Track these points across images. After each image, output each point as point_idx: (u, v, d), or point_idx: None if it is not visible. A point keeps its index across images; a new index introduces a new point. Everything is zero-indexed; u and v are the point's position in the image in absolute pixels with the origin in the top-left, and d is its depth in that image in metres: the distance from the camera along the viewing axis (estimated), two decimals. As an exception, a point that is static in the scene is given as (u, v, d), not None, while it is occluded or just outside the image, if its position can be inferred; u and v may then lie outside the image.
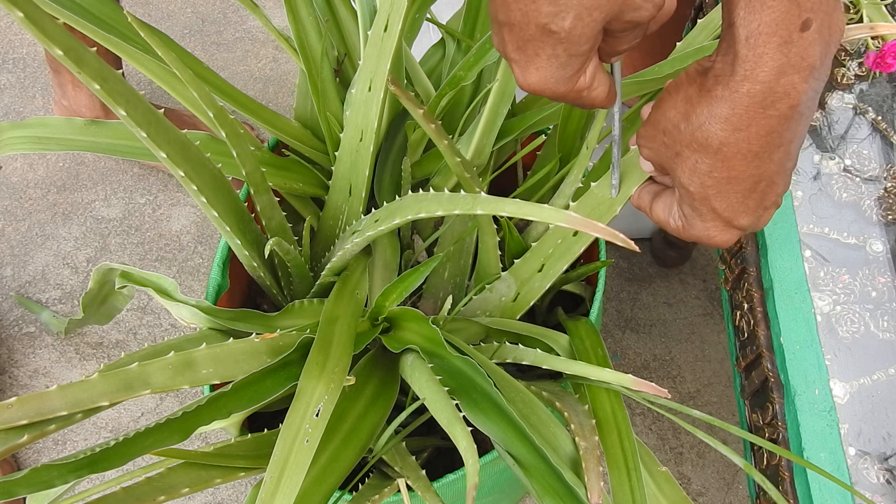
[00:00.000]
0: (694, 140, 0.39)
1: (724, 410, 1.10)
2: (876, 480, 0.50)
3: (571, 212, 0.44)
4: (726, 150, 0.39)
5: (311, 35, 0.69)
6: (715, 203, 0.41)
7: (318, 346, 0.53)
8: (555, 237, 0.61)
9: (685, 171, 0.41)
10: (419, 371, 0.56)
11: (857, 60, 0.67)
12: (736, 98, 0.37)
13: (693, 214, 0.43)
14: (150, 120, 0.51)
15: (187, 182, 0.54)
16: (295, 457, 0.46)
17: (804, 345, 0.55)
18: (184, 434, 0.50)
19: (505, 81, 0.66)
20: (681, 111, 0.40)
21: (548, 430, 0.54)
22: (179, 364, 0.51)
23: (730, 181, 0.40)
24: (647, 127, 0.43)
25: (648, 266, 1.22)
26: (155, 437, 0.49)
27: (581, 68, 0.40)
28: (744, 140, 0.38)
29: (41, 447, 1.10)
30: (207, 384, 0.53)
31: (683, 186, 0.42)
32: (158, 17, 1.51)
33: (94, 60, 0.47)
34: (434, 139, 0.54)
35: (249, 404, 0.52)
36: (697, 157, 0.40)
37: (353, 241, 0.59)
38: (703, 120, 0.38)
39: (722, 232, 0.43)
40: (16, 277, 1.22)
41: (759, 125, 0.37)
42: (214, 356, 0.53)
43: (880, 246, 0.59)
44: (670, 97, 0.41)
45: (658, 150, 0.43)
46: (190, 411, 0.50)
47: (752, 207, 0.41)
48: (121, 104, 0.49)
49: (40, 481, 0.46)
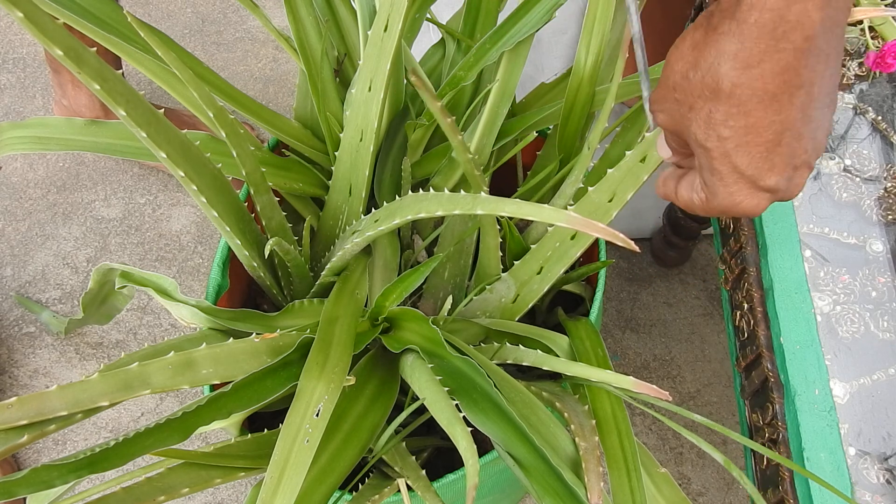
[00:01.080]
0: (705, 87, 0.36)
1: (724, 410, 1.10)
2: (876, 480, 0.50)
3: (571, 212, 0.44)
4: (740, 93, 0.35)
5: (311, 35, 0.69)
6: (736, 159, 0.37)
7: (319, 346, 0.53)
8: (553, 240, 0.61)
9: (700, 126, 0.37)
10: (419, 371, 0.56)
11: (857, 60, 0.67)
12: (744, 30, 0.33)
13: (714, 180, 0.38)
14: (149, 120, 0.51)
15: (187, 182, 0.54)
16: (295, 456, 0.46)
17: (804, 345, 0.55)
18: (184, 434, 0.50)
19: (505, 82, 0.66)
20: (689, 60, 0.36)
21: (548, 430, 0.54)
22: (179, 364, 0.51)
23: (749, 130, 0.36)
24: (658, 89, 0.40)
25: (648, 266, 1.22)
26: (155, 437, 0.49)
27: None
28: (758, 78, 0.34)
29: (41, 447, 1.10)
30: (207, 384, 0.53)
31: (701, 145, 0.38)
32: (158, 17, 1.51)
33: (94, 60, 0.47)
34: (448, 134, 0.54)
35: (249, 404, 0.52)
36: (711, 106, 0.36)
37: (353, 241, 0.59)
38: (711, 61, 0.35)
39: (749, 195, 0.38)
40: (16, 277, 1.22)
41: (773, 61, 0.34)
42: (214, 356, 0.53)
43: (880, 246, 0.59)
44: (677, 49, 0.37)
45: (671, 110, 0.39)
46: (190, 411, 0.50)
47: (778, 164, 0.37)
48: (121, 104, 0.49)
49: (40, 481, 0.46)
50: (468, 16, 0.70)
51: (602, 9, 0.61)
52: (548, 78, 0.85)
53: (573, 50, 1.37)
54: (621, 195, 0.56)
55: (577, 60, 0.62)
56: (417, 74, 0.50)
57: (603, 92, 0.64)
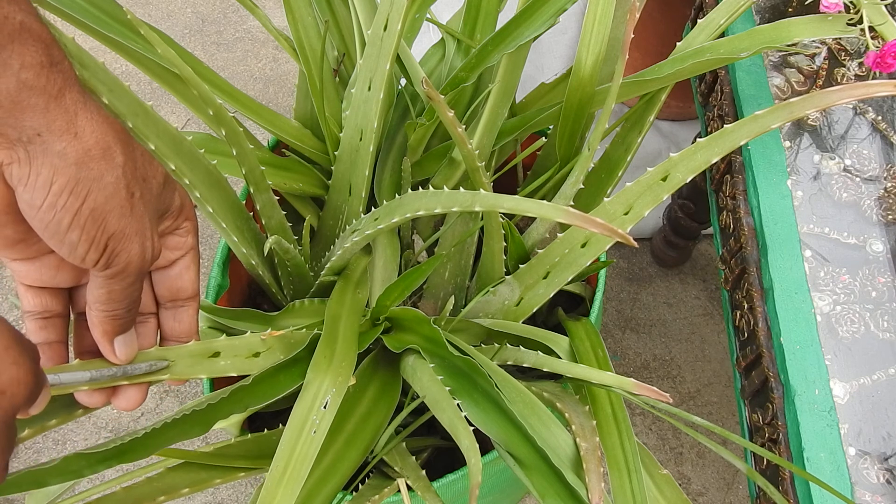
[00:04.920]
0: None
1: (724, 410, 1.10)
2: (876, 480, 0.50)
3: (570, 208, 0.44)
4: None
5: (311, 35, 0.69)
6: None
7: (325, 341, 0.54)
8: (562, 246, 0.60)
9: None
10: (420, 371, 0.56)
11: (857, 60, 0.67)
12: None
13: None
14: (136, 111, 0.49)
15: (179, 177, 0.54)
16: (301, 447, 0.46)
17: (804, 345, 0.55)
18: (205, 426, 0.50)
19: (505, 82, 0.66)
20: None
21: (548, 430, 0.54)
22: (199, 353, 0.50)
23: None
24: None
25: (648, 266, 1.22)
26: (180, 427, 0.49)
27: None
28: None
29: (41, 447, 1.09)
30: (224, 375, 0.53)
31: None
32: (158, 17, 1.51)
33: (73, 46, 0.45)
34: (451, 131, 0.54)
35: (264, 399, 0.52)
36: None
37: (353, 240, 0.59)
38: None
39: None
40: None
41: None
42: (234, 348, 0.53)
43: (880, 246, 0.59)
44: None
45: None
46: (214, 403, 0.50)
47: None
48: (103, 93, 0.47)
49: (70, 470, 0.46)
50: (468, 16, 0.70)
51: (602, 9, 0.61)
52: (548, 78, 0.85)
53: (573, 50, 1.37)
54: (638, 210, 0.55)
55: (577, 60, 0.62)
56: (428, 85, 0.50)
57: (603, 92, 0.64)
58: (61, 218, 0.35)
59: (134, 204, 0.37)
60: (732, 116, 0.67)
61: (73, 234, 0.35)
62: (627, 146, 0.66)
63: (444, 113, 0.52)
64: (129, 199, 0.37)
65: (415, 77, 0.67)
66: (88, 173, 0.35)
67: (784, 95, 0.66)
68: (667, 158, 0.55)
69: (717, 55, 0.59)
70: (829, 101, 0.51)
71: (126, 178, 0.37)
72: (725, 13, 0.62)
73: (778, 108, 0.52)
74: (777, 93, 0.66)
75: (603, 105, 0.62)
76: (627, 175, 0.62)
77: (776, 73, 0.67)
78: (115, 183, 0.36)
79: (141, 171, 0.38)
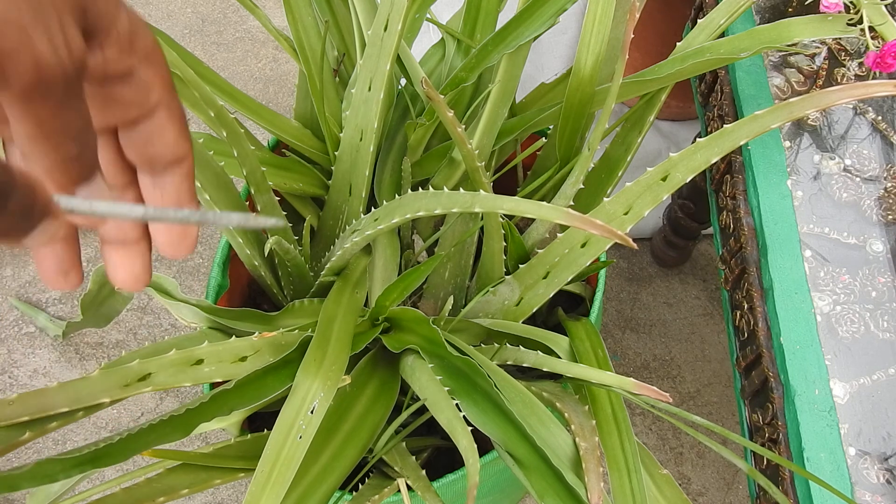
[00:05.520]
0: None
1: (724, 410, 1.10)
2: (876, 480, 0.50)
3: (569, 209, 0.44)
4: None
5: (311, 35, 0.69)
6: None
7: (316, 344, 0.53)
8: (562, 246, 0.60)
9: None
10: (419, 371, 0.56)
11: (857, 60, 0.67)
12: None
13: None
14: None
15: None
16: (287, 451, 0.46)
17: (804, 345, 0.55)
18: (186, 431, 0.50)
19: (505, 82, 0.66)
20: None
21: (548, 430, 0.54)
22: (182, 361, 0.51)
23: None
24: None
25: (648, 266, 1.22)
26: (158, 433, 0.49)
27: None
28: None
29: (41, 447, 1.10)
30: (209, 382, 0.53)
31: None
32: (158, 17, 1.51)
33: None
34: (451, 130, 0.54)
35: (251, 402, 0.52)
36: None
37: (353, 240, 0.59)
38: None
39: None
40: (15, 277, 1.22)
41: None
42: (217, 353, 0.53)
43: (880, 246, 0.59)
44: None
45: None
46: (193, 408, 0.50)
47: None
48: None
49: (44, 474, 0.46)
50: (468, 16, 0.70)
51: (602, 9, 0.61)
52: (548, 78, 0.85)
53: (573, 50, 1.37)
54: (638, 210, 0.55)
55: (577, 60, 0.62)
56: (429, 85, 0.50)
57: (603, 92, 0.64)
58: None
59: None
60: (732, 116, 0.67)
61: None
62: (627, 146, 0.66)
63: (443, 113, 0.52)
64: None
65: (415, 77, 0.67)
66: None
67: (784, 95, 0.66)
68: (667, 158, 0.55)
69: (717, 55, 0.59)
70: (829, 101, 0.51)
71: None
72: (725, 13, 0.62)
73: (778, 108, 0.52)
74: (777, 93, 0.66)
75: (603, 105, 0.62)
76: (627, 175, 0.62)
77: (776, 73, 0.67)
78: None
79: None
